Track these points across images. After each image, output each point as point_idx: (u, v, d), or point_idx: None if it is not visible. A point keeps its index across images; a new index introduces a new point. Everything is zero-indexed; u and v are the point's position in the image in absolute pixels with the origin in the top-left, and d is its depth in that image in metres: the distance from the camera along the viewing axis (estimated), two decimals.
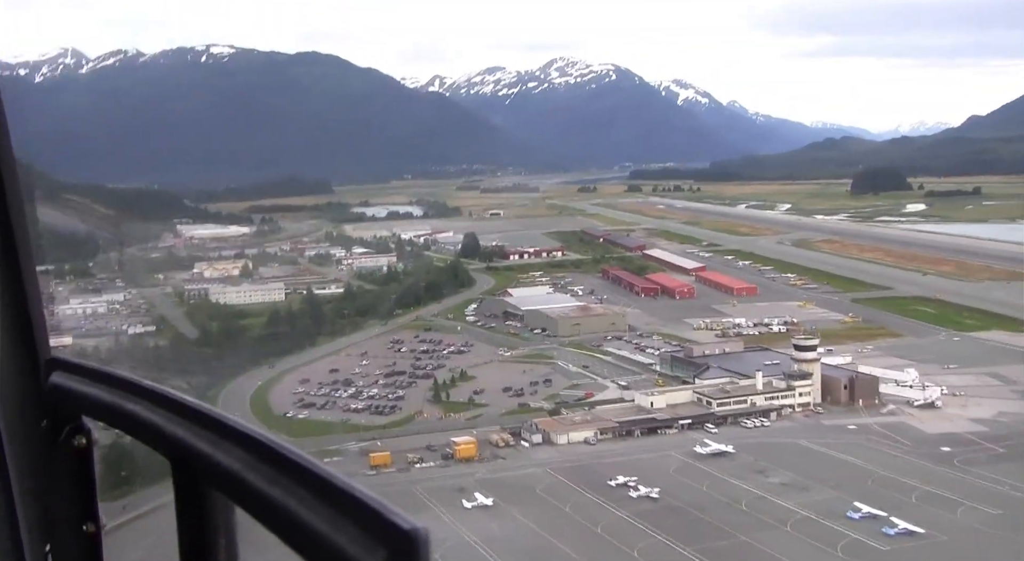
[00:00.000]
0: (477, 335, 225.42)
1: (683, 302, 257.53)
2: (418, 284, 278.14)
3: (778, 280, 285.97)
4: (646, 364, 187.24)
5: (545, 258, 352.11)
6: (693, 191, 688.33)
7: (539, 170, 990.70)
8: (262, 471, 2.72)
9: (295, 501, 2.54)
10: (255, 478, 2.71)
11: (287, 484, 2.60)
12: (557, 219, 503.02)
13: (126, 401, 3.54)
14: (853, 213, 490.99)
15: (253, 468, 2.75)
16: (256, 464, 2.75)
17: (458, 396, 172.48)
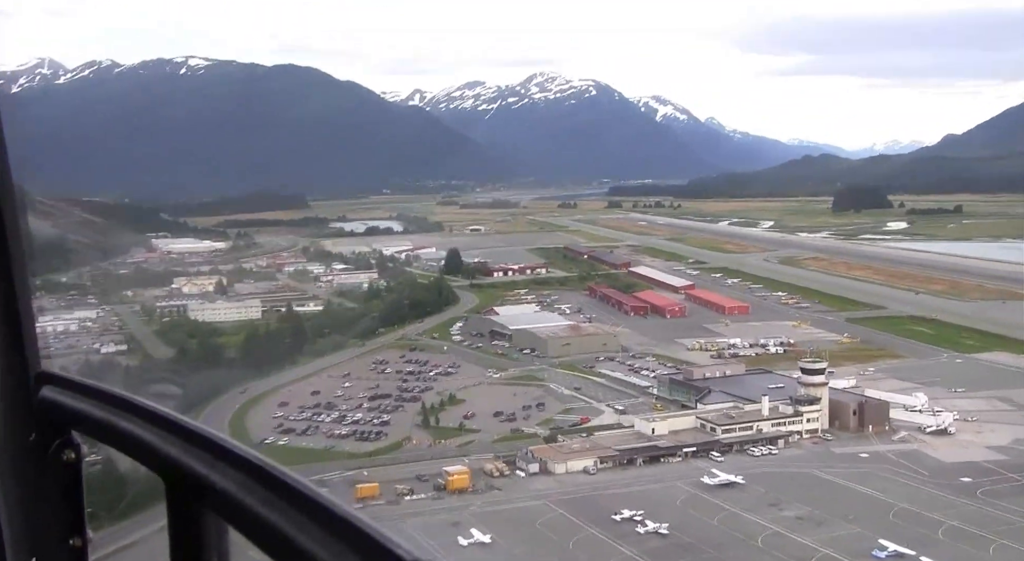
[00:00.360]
0: (464, 355, 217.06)
1: (674, 321, 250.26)
2: (401, 302, 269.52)
3: (769, 299, 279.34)
4: (642, 387, 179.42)
5: (529, 275, 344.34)
6: (674, 207, 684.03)
7: (518, 185, 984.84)
8: (259, 494, 2.68)
9: (294, 526, 2.51)
10: (252, 501, 2.68)
11: (285, 508, 2.57)
12: (539, 235, 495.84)
13: (119, 418, 3.54)
14: (836, 230, 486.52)
15: (250, 490, 2.72)
16: (253, 487, 2.72)
17: (448, 421, 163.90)
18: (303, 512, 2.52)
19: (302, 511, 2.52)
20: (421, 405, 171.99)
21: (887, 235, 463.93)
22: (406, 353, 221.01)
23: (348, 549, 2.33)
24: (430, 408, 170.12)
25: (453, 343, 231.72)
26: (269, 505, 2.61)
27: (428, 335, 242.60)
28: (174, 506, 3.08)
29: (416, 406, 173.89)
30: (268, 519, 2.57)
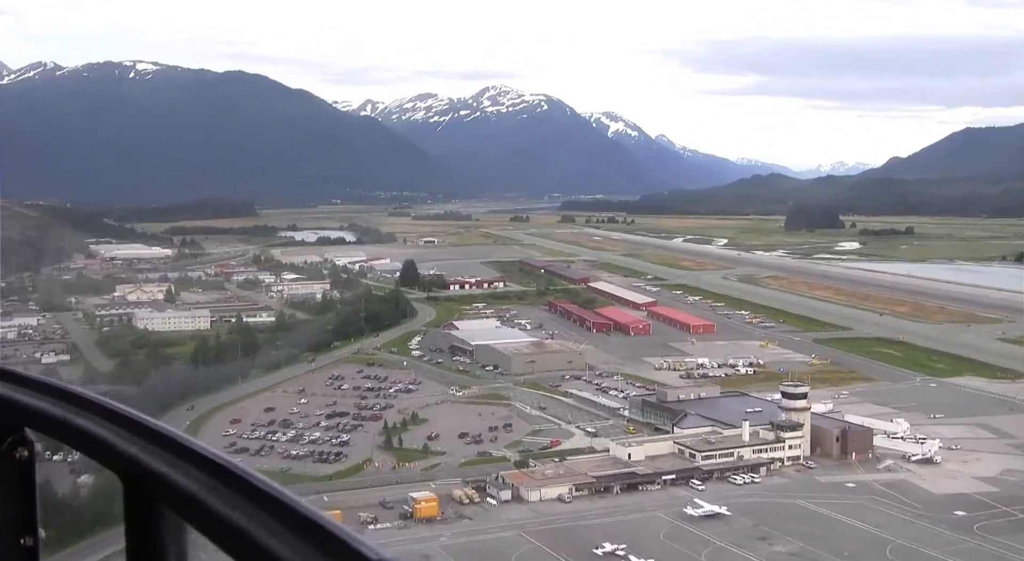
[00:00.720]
0: (424, 371, 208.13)
1: (639, 339, 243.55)
2: (357, 314, 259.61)
3: (733, 317, 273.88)
4: (612, 408, 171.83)
5: (486, 289, 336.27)
6: (627, 223, 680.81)
7: (469, 198, 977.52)
8: (221, 493, 2.64)
9: (256, 525, 2.47)
10: (214, 500, 2.64)
11: (248, 507, 2.53)
12: (493, 248, 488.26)
13: (74, 415, 3.45)
14: (791, 249, 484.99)
15: (212, 489, 2.68)
16: (215, 485, 2.68)
17: (411, 442, 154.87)
18: (266, 511, 2.48)
19: (265, 510, 2.49)
20: (383, 424, 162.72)
21: (842, 255, 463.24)
22: (364, 368, 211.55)
23: (312, 548, 2.30)
24: (392, 428, 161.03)
25: (412, 358, 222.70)
26: (231, 504, 2.57)
27: (386, 349, 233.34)
28: (132, 505, 3.02)
29: (377, 425, 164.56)
30: (229, 518, 2.54)
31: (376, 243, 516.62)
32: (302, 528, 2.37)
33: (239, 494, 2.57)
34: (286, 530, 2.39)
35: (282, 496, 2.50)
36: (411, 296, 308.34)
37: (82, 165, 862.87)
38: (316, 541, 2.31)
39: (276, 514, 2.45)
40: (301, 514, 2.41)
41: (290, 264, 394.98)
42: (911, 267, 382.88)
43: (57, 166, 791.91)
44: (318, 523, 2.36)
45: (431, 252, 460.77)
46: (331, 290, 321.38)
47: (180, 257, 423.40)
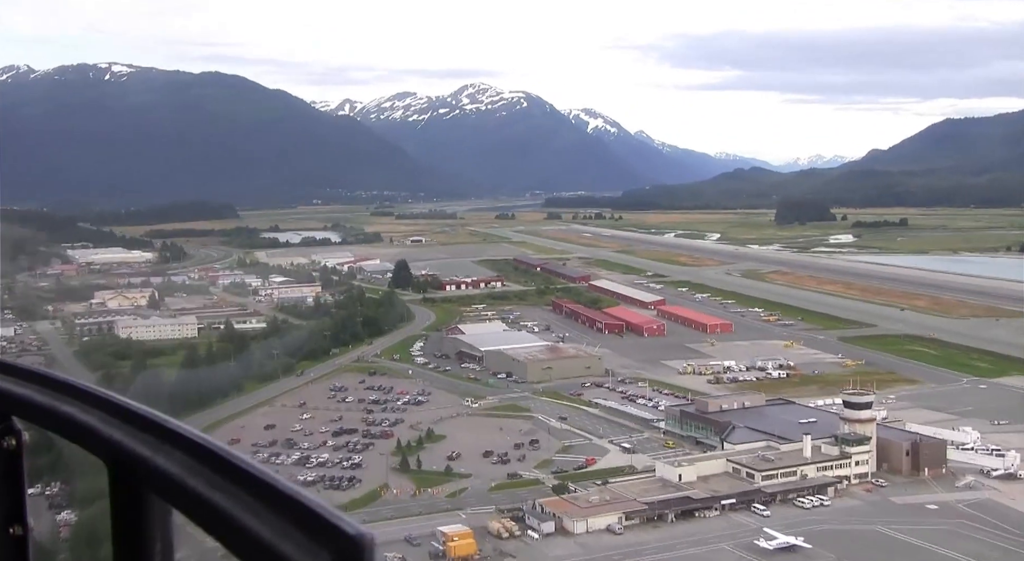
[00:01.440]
0: (432, 381, 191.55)
1: (653, 340, 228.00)
2: (353, 318, 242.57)
3: (747, 315, 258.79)
4: (644, 419, 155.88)
5: (483, 289, 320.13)
6: (614, 219, 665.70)
7: (450, 197, 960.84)
8: (204, 475, 2.64)
9: (238, 506, 2.47)
10: (196, 482, 2.64)
11: (230, 489, 2.53)
12: (483, 246, 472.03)
13: (60, 402, 3.43)
14: (786, 243, 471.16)
15: (195, 472, 2.68)
16: (198, 468, 2.68)
17: (430, 462, 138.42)
18: (248, 492, 2.48)
19: (247, 491, 2.49)
20: (396, 443, 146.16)
21: (839, 248, 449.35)
22: (366, 378, 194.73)
23: (295, 528, 2.30)
24: (407, 446, 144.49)
25: (417, 366, 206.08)
26: (214, 486, 2.57)
27: (387, 356, 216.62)
28: (117, 490, 3.02)
29: (389, 444, 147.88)
30: (212, 500, 2.53)
31: (362, 243, 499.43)
32: (282, 506, 2.37)
33: (220, 475, 2.57)
34: (267, 509, 2.39)
35: (262, 475, 2.50)
36: (406, 298, 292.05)
37: (56, 169, 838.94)
38: (296, 519, 2.32)
39: (257, 494, 2.45)
40: (281, 492, 2.41)
41: (276, 266, 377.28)
42: (916, 259, 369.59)
43: (30, 170, 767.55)
44: (298, 501, 2.36)
45: (420, 251, 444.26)
46: (322, 293, 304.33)
47: (162, 260, 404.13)
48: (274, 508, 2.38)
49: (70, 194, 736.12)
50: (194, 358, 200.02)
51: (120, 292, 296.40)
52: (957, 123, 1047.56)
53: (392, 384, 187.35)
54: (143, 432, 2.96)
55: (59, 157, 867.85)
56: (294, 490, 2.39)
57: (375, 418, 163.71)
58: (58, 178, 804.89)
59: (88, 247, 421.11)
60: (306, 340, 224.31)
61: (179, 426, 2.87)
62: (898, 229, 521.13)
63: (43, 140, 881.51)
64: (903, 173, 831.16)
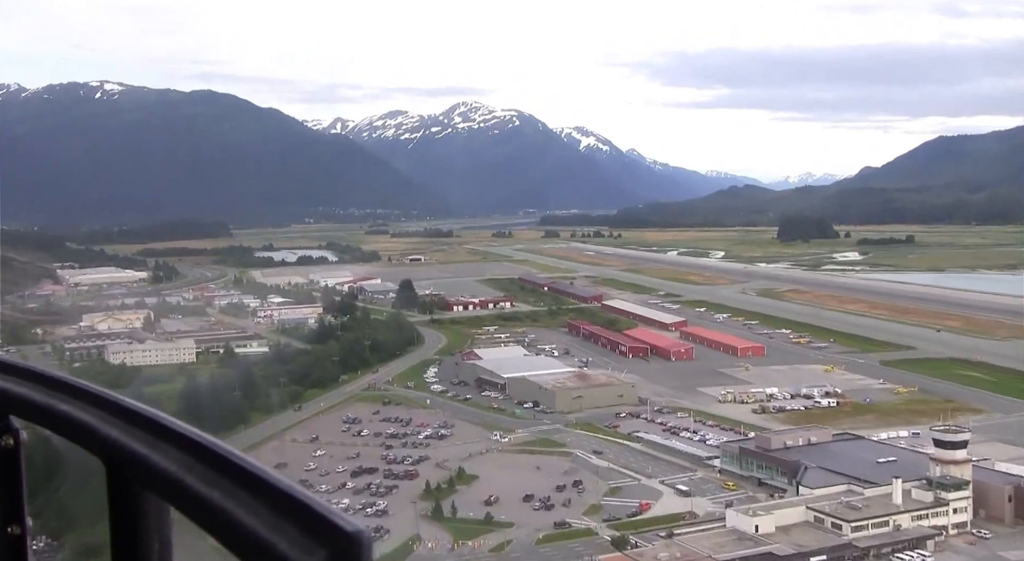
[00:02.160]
0: (453, 411, 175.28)
1: (682, 365, 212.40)
2: (361, 342, 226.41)
3: (776, 337, 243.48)
4: (696, 456, 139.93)
5: (492, 309, 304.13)
6: (614, 237, 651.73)
7: (444, 215, 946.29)
8: (200, 472, 2.60)
9: (234, 503, 2.43)
10: (192, 480, 2.60)
11: (226, 486, 2.50)
12: (485, 265, 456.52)
13: (58, 400, 3.38)
14: (794, 261, 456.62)
15: (191, 469, 2.64)
16: (194, 465, 2.64)
17: (465, 508, 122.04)
18: (246, 489, 2.44)
19: (245, 488, 2.45)
20: (424, 485, 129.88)
21: (849, 266, 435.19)
22: (380, 408, 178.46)
23: (292, 525, 2.27)
24: (436, 488, 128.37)
25: (434, 394, 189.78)
26: (211, 483, 2.53)
27: (400, 383, 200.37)
28: (114, 489, 2.97)
29: (415, 485, 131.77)
30: (209, 498, 2.49)
31: (359, 262, 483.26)
32: (280, 503, 2.34)
33: (217, 472, 2.54)
34: (264, 506, 2.36)
35: (258, 471, 2.47)
36: (412, 319, 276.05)
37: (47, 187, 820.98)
38: (294, 516, 2.28)
39: (254, 491, 2.41)
40: (279, 489, 2.37)
41: (274, 286, 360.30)
42: (935, 277, 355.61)
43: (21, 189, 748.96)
44: (295, 498, 2.33)
45: (420, 270, 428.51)
46: (323, 314, 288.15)
47: (156, 280, 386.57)
48: (272, 505, 2.35)
49: (60, 213, 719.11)
50: (194, 386, 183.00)
51: (111, 314, 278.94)
52: (950, 140, 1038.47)
53: (410, 415, 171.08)
54: (140, 430, 2.93)
55: (50, 176, 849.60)
56: (292, 487, 2.37)
57: (396, 455, 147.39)
58: (49, 197, 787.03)
59: (74, 268, 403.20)
60: (313, 366, 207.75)
61: (176, 424, 2.83)
62: (905, 246, 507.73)
63: (34, 159, 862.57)
64: (900, 190, 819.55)
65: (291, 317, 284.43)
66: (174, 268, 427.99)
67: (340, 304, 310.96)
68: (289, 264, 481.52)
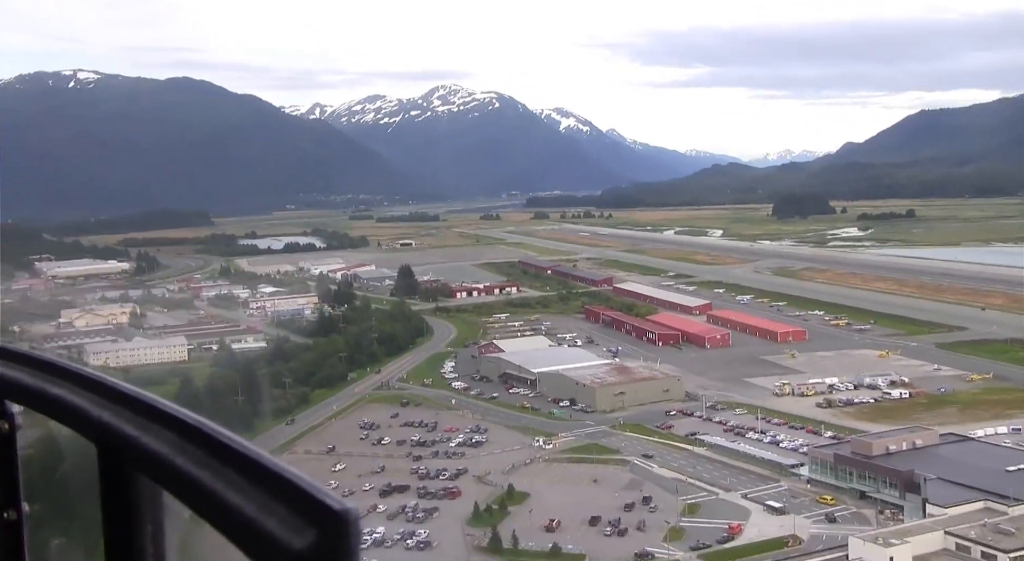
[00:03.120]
0: (481, 412, 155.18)
1: (719, 353, 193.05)
2: (367, 335, 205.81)
3: (811, 319, 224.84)
4: (775, 463, 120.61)
5: (498, 295, 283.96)
6: (604, 218, 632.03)
7: (427, 199, 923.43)
8: (191, 454, 2.56)
9: (224, 483, 2.39)
10: (183, 461, 2.55)
11: (216, 467, 2.46)
12: (480, 249, 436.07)
13: (51, 384, 3.32)
14: (797, 238, 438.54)
15: (182, 451, 2.59)
16: (185, 447, 2.59)
17: (524, 535, 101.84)
18: (236, 469, 2.41)
19: (235, 468, 2.41)
20: (473, 507, 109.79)
21: (855, 242, 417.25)
22: (399, 410, 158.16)
23: (281, 504, 2.24)
24: (485, 510, 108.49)
25: (456, 393, 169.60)
26: (201, 465, 2.49)
27: (416, 381, 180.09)
28: (106, 472, 2.92)
29: (459, 506, 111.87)
30: (200, 480, 2.46)
31: (348, 248, 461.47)
32: (269, 483, 2.31)
33: (207, 453, 2.51)
34: (254, 487, 2.33)
35: (248, 451, 2.44)
36: (415, 307, 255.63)
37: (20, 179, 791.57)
38: (283, 495, 2.26)
39: (242, 470, 2.39)
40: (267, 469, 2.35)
41: (264, 275, 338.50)
42: (953, 252, 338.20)
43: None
44: (283, 477, 2.30)
45: (412, 255, 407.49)
46: (320, 304, 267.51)
47: (139, 271, 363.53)
48: (261, 485, 2.32)
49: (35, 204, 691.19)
50: (190, 391, 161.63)
51: (91, 309, 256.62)
52: (933, 114, 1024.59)
53: (435, 418, 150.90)
54: (132, 412, 2.87)
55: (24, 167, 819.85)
56: (280, 467, 2.34)
57: (427, 467, 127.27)
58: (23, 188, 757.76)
59: (52, 260, 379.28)
60: (317, 363, 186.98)
61: (168, 406, 2.79)
62: (906, 221, 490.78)
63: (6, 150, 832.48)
64: (888, 165, 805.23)
65: (285, 308, 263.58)
66: (156, 258, 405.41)
67: (337, 293, 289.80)
68: (276, 252, 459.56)
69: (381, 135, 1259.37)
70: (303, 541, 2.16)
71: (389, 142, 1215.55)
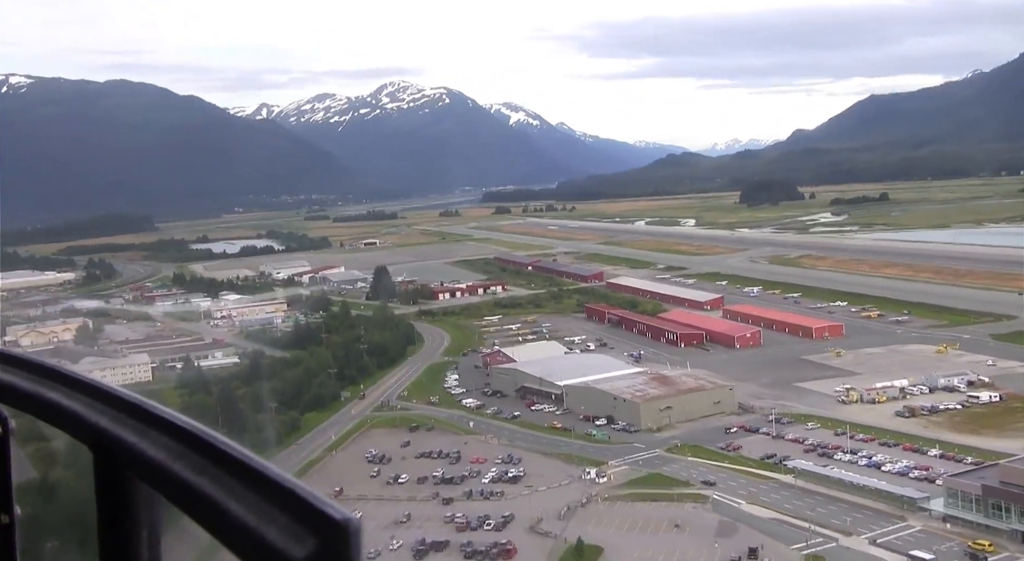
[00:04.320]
0: (509, 435, 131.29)
1: (753, 353, 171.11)
2: (355, 346, 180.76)
3: (836, 311, 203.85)
4: (898, 496, 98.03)
5: (483, 295, 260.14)
6: (567, 210, 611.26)
7: (382, 197, 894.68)
8: (189, 460, 2.50)
9: (223, 491, 2.32)
10: (181, 467, 2.49)
11: (215, 473, 2.39)
12: (448, 246, 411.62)
13: (46, 388, 3.25)
14: (777, 225, 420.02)
15: (180, 457, 2.52)
16: (183, 452, 2.53)
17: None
18: (235, 477, 2.34)
19: (234, 476, 2.34)
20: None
21: (840, 227, 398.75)
22: (409, 436, 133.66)
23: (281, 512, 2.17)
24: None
25: (469, 412, 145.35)
26: (199, 471, 2.43)
27: (419, 398, 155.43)
28: (102, 476, 2.85)
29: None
30: (198, 486, 2.40)
31: (309, 250, 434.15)
32: (269, 492, 2.24)
33: (206, 460, 2.44)
34: (253, 495, 2.26)
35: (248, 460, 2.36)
36: (398, 312, 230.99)
37: None
38: (283, 504, 2.19)
39: (242, 478, 2.32)
40: (268, 478, 2.27)
41: (225, 282, 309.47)
42: (949, 234, 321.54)
43: None
44: (283, 486, 2.22)
45: (379, 255, 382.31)
46: (290, 311, 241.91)
47: (88, 281, 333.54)
48: (261, 494, 2.25)
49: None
50: None
51: (33, 326, 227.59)
52: (883, 99, 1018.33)
53: (455, 446, 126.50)
54: (130, 417, 2.80)
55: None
56: (280, 475, 2.27)
57: (464, 514, 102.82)
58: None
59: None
60: (302, 381, 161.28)
61: (164, 411, 2.73)
62: (880, 204, 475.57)
63: None
64: (845, 150, 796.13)
65: (254, 318, 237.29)
66: (112, 266, 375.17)
67: (310, 299, 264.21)
68: (232, 255, 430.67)
69: (331, 134, 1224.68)
70: (303, 550, 2.10)
71: (340, 141, 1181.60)
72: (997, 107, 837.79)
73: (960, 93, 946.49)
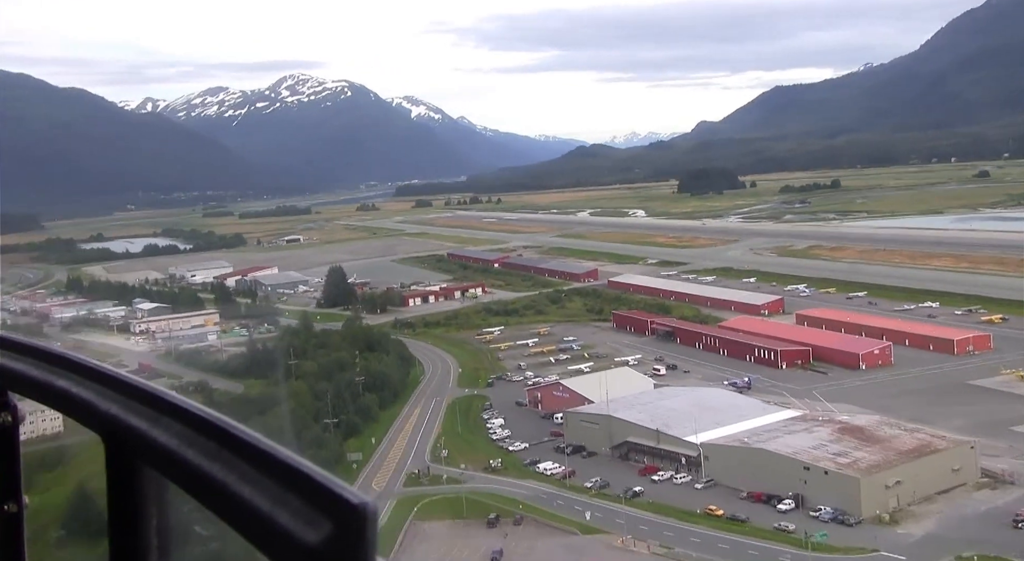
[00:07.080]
0: (650, 532, 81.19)
1: (890, 376, 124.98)
2: (351, 379, 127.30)
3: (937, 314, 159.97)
4: None
5: (462, 299, 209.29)
6: (494, 203, 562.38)
7: (283, 193, 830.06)
8: (201, 446, 2.41)
9: (235, 476, 2.25)
10: (193, 454, 2.42)
11: (228, 459, 2.31)
12: (383, 242, 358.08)
13: (56, 376, 3.14)
14: (745, 215, 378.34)
15: (192, 443, 2.45)
16: (195, 439, 2.45)
17: None
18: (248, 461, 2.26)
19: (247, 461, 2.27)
20: None
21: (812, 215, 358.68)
22: (489, 536, 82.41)
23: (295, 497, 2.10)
24: None
25: (557, 485, 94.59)
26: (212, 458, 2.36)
27: (466, 457, 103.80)
28: (113, 465, 2.79)
29: None
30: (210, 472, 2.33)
31: (221, 248, 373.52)
32: (283, 476, 2.16)
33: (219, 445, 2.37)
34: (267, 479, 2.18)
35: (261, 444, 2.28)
36: (369, 323, 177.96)
37: None
38: (297, 488, 2.11)
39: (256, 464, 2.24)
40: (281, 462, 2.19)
41: (131, 287, 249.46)
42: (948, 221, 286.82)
43: None
44: (298, 470, 2.15)
45: (307, 253, 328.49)
46: (226, 324, 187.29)
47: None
48: (274, 478, 2.17)
49: None
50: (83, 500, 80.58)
51: None
52: (788, 90, 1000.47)
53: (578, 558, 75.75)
54: (139, 404, 2.72)
55: None
56: (294, 459, 2.20)
57: None
58: None
59: None
60: (279, 432, 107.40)
61: (175, 398, 2.66)
62: (833, 192, 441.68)
63: None
64: (758, 140, 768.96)
65: (183, 333, 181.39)
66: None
67: (248, 308, 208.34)
68: (135, 255, 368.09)
69: (226, 128, 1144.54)
70: (318, 534, 2.02)
71: (236, 135, 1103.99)
72: (898, 97, 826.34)
73: (860, 84, 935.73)
